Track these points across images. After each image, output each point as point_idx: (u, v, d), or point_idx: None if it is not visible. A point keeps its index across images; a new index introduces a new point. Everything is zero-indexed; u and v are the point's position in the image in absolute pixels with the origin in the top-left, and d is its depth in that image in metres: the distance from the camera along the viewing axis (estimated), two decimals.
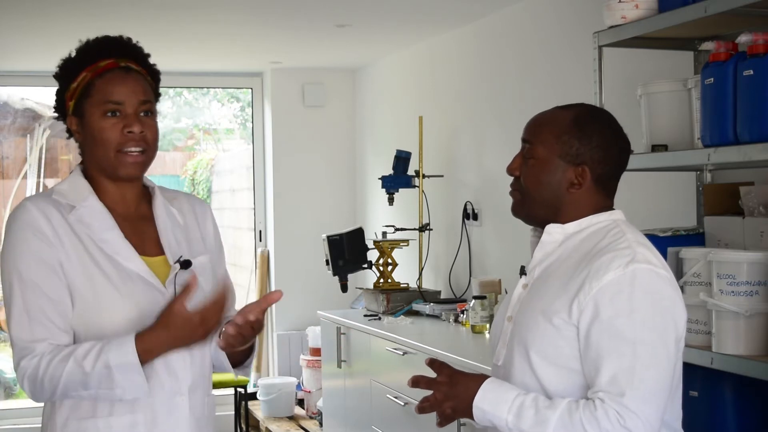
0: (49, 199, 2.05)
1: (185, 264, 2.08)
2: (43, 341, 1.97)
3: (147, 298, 2.02)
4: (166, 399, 2.05)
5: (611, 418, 1.78)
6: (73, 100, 2.07)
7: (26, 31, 5.25)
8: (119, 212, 2.10)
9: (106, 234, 2.04)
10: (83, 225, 2.03)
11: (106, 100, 2.05)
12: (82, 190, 2.07)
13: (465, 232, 5.26)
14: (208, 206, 2.31)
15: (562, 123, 1.97)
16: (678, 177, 3.45)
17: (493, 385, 1.91)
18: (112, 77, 2.07)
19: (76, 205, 2.05)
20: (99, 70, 2.06)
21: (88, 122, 2.06)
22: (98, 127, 2.05)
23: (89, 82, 2.06)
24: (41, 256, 1.98)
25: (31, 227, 1.99)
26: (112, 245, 2.04)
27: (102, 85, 2.06)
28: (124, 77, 2.07)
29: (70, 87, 2.07)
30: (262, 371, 7.06)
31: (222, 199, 9.23)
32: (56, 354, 1.95)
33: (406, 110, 6.08)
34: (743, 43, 2.53)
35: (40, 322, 1.97)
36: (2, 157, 8.22)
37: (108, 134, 2.05)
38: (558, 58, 4.43)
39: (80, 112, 2.07)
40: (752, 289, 2.48)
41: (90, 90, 2.06)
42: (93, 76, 2.06)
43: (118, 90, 2.06)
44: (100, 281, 2.00)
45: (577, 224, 1.98)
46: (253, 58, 6.51)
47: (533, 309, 1.94)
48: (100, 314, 2.00)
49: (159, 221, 2.13)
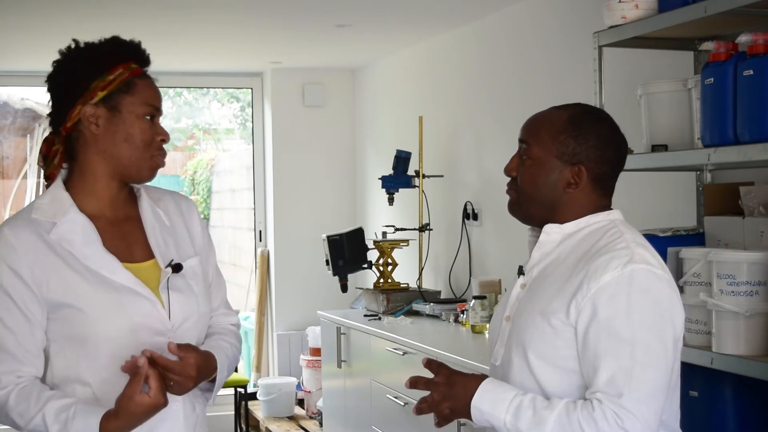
0: (28, 221, 2.02)
1: (176, 268, 2.07)
2: (10, 374, 1.97)
3: (137, 308, 2.01)
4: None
5: (609, 418, 1.78)
6: (106, 91, 2.03)
7: (26, 31, 5.25)
8: (106, 217, 2.08)
9: (88, 248, 2.01)
10: (65, 241, 2.00)
11: (148, 103, 2.06)
12: (63, 204, 2.04)
13: (465, 232, 5.26)
14: (194, 204, 2.29)
15: (559, 123, 1.98)
16: (678, 177, 3.45)
17: (492, 385, 1.91)
18: (151, 83, 2.10)
19: (57, 221, 2.01)
20: (134, 71, 2.06)
21: (125, 118, 2.04)
22: (137, 127, 2.04)
23: (129, 79, 2.05)
24: (7, 289, 1.97)
25: (3, 258, 1.97)
26: (95, 260, 2.01)
27: (144, 86, 2.07)
28: (155, 86, 2.11)
29: (104, 77, 2.03)
30: (262, 371, 7.06)
31: (222, 199, 9.23)
32: (25, 398, 1.95)
33: (406, 110, 6.08)
34: (743, 43, 2.52)
35: (3, 360, 1.97)
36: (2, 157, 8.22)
37: (145, 135, 2.05)
38: (558, 58, 4.43)
39: (113, 105, 2.04)
40: (752, 289, 2.48)
41: (131, 88, 2.04)
42: (131, 75, 2.05)
43: (155, 96, 2.09)
44: (89, 297, 1.98)
45: (574, 224, 1.98)
46: (253, 58, 6.51)
47: (531, 309, 1.94)
48: (92, 330, 1.98)
49: (147, 224, 2.11)
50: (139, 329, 1.99)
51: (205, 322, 2.16)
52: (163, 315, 2.03)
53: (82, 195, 2.06)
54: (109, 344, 1.98)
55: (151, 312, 2.02)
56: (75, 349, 1.99)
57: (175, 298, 2.06)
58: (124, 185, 2.11)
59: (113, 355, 1.97)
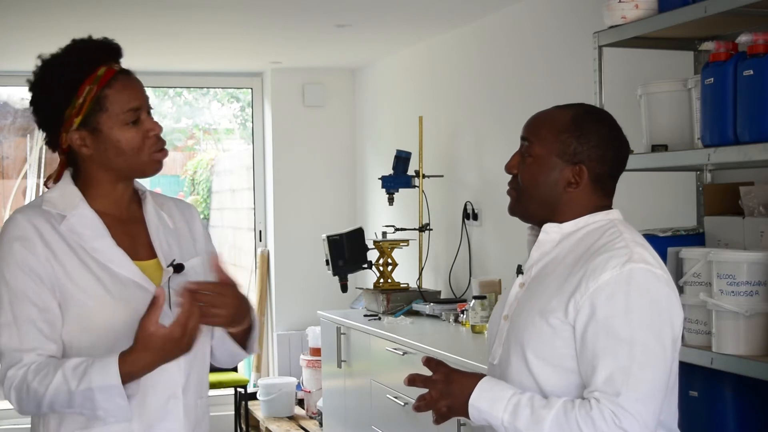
0: (39, 210, 2.03)
1: (178, 267, 2.08)
2: (32, 351, 1.96)
3: (142, 302, 2.00)
4: (161, 403, 2.03)
5: (606, 417, 1.78)
6: (80, 116, 2.00)
7: (26, 31, 5.25)
8: (113, 215, 2.09)
9: (98, 242, 2.02)
10: (75, 234, 2.01)
11: (125, 110, 2.02)
12: (73, 198, 2.05)
13: (465, 232, 5.26)
14: (195, 209, 2.31)
15: (561, 122, 1.98)
16: (678, 177, 3.45)
17: (490, 384, 1.91)
18: (121, 85, 2.02)
19: (67, 214, 2.02)
20: (102, 80, 2.00)
21: (107, 136, 2.02)
22: (122, 139, 2.02)
23: (98, 94, 2.00)
24: (30, 266, 1.97)
25: (20, 239, 1.98)
26: (104, 253, 2.02)
27: (115, 95, 2.01)
28: (129, 81, 2.05)
29: (74, 103, 2.00)
30: (262, 371, 7.07)
31: (222, 199, 9.23)
32: (43, 367, 1.94)
33: (406, 110, 6.08)
34: (743, 43, 2.52)
35: (29, 331, 1.96)
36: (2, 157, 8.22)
37: (133, 143, 2.03)
38: (558, 57, 4.43)
39: (93, 126, 2.01)
40: (752, 289, 2.48)
41: (103, 103, 2.00)
42: (99, 88, 2.00)
43: (132, 96, 2.03)
44: (95, 289, 1.99)
45: (574, 224, 1.98)
46: (253, 58, 6.51)
47: (530, 308, 1.94)
48: (96, 321, 1.99)
49: (150, 224, 2.12)
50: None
51: None
52: (166, 311, 2.03)
53: (89, 193, 2.08)
54: (108, 336, 1.98)
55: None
56: (78, 341, 1.99)
57: (175, 296, 2.06)
58: (129, 185, 2.13)
59: (111, 349, 1.96)
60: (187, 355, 2.01)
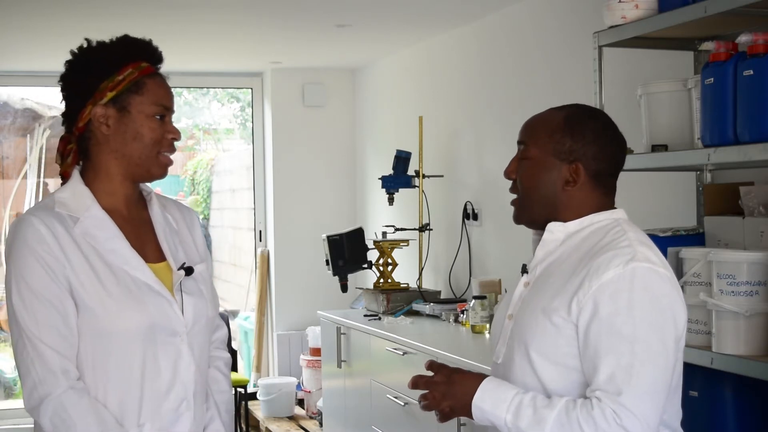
0: (52, 212, 2.01)
1: (188, 270, 2.09)
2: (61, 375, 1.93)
3: (156, 307, 2.01)
4: (174, 407, 2.03)
5: (608, 416, 1.78)
6: (115, 91, 2.03)
7: (26, 31, 5.25)
8: (123, 214, 2.08)
9: (113, 244, 2.02)
10: (89, 236, 2.00)
11: (158, 102, 2.06)
12: (84, 199, 2.04)
13: (465, 232, 5.26)
14: (197, 214, 2.32)
15: (555, 122, 1.99)
16: (678, 177, 3.45)
17: (492, 384, 1.91)
18: (160, 81, 2.09)
19: (80, 216, 2.01)
20: (145, 70, 2.06)
21: (134, 118, 2.04)
22: (146, 126, 2.05)
23: (139, 79, 2.05)
24: (49, 266, 1.95)
25: (36, 240, 1.96)
26: (119, 255, 2.01)
27: (154, 86, 2.07)
28: (165, 82, 2.11)
29: (113, 77, 2.03)
30: (262, 371, 7.07)
31: (222, 199, 9.24)
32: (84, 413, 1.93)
33: (406, 110, 6.08)
34: (743, 43, 2.53)
35: (50, 335, 1.94)
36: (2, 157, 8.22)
37: (155, 134, 2.05)
38: (558, 58, 4.43)
39: (122, 105, 2.04)
40: (752, 289, 2.48)
41: (140, 88, 2.05)
42: (141, 75, 2.05)
43: (166, 94, 2.09)
44: (110, 293, 1.98)
45: (578, 223, 1.98)
46: (253, 58, 6.51)
47: (534, 307, 1.94)
48: (111, 325, 1.97)
49: (157, 226, 2.13)
50: (156, 328, 2.00)
51: (211, 326, 2.18)
52: (179, 315, 2.04)
53: (98, 191, 2.07)
54: (120, 339, 1.97)
55: (168, 312, 2.03)
56: (92, 345, 1.98)
57: (188, 300, 2.07)
58: (137, 185, 2.13)
59: (125, 353, 1.97)
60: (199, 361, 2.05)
